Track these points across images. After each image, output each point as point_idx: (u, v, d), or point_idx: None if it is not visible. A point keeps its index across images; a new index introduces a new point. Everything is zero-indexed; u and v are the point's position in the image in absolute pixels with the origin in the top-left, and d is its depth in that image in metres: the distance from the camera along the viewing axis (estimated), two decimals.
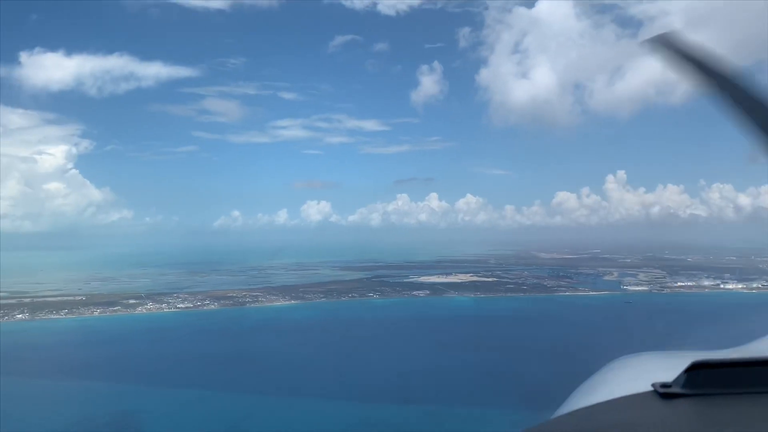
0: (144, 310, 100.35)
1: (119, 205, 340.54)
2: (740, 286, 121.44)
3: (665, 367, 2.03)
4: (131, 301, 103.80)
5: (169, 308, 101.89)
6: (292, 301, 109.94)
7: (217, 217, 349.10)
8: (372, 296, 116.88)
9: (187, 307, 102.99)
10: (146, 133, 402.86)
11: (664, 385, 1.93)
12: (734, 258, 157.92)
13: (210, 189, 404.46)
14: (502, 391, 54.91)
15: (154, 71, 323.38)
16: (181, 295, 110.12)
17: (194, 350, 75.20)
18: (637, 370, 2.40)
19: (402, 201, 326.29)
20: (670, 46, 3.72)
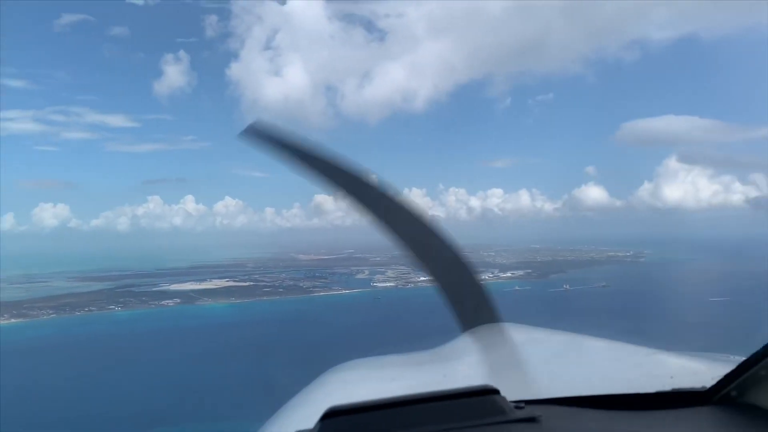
0: None
1: None
2: None
3: (370, 379, 2.16)
4: None
5: None
6: (13, 320, 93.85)
7: None
8: (113, 309, 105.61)
9: None
10: None
11: None
12: (466, 253, 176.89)
13: None
14: (242, 402, 52.77)
15: None
16: None
17: None
18: (343, 384, 2.43)
19: (154, 204, 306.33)
20: (262, 135, 4.17)
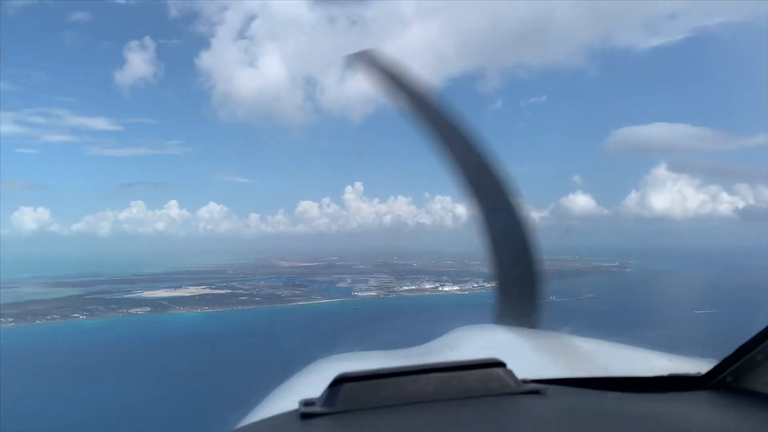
0: None
1: None
2: (456, 288, 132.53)
3: (359, 367, 2.03)
4: None
5: None
6: None
7: None
8: (78, 317, 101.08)
9: None
10: None
11: (309, 403, 1.89)
12: (451, 262, 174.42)
13: None
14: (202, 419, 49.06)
15: None
16: None
17: None
18: (332, 371, 2.29)
19: (137, 208, 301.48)
20: (371, 63, 4.11)
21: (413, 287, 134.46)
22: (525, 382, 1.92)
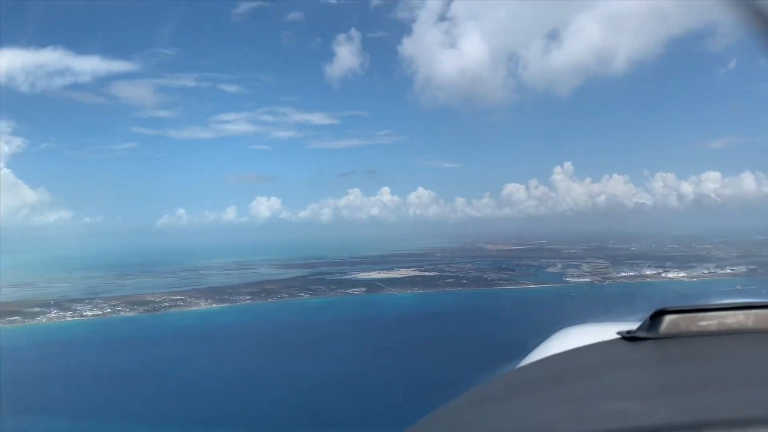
0: (44, 320, 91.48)
1: (56, 205, 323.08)
2: (682, 275, 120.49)
3: (611, 333, 2.11)
4: (35, 309, 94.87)
5: (74, 317, 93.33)
6: (215, 305, 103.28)
7: (160, 216, 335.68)
8: (303, 296, 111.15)
9: (95, 315, 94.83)
10: (83, 130, 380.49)
11: (629, 332, 1.99)
12: (676, 246, 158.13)
13: (153, 187, 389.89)
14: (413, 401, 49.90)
15: (91, 65, 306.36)
16: (94, 302, 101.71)
17: (66, 369, 67.22)
18: (586, 335, 2.39)
19: (354, 196, 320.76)
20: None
21: (632, 273, 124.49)
22: None
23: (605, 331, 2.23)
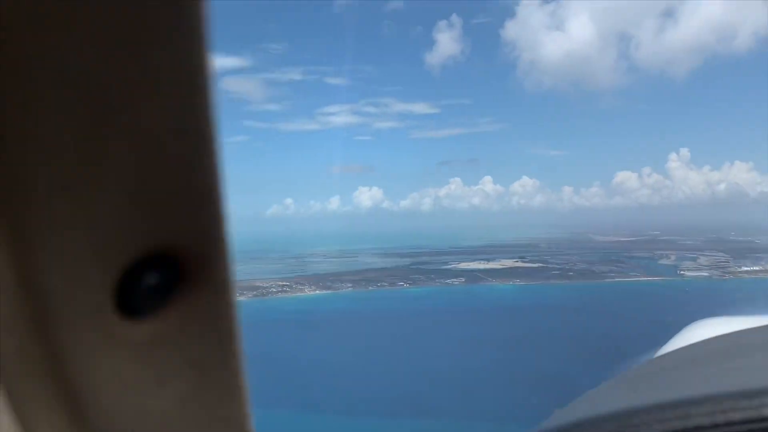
0: None
1: None
2: None
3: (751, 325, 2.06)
4: None
5: None
6: (318, 291, 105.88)
7: (270, 205, 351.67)
8: (402, 285, 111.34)
9: None
10: None
11: None
12: None
13: (262, 177, 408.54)
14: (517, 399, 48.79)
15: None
16: None
17: None
18: (724, 327, 2.31)
19: (455, 185, 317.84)
20: None
21: (756, 268, 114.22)
22: None
23: (742, 325, 2.17)
